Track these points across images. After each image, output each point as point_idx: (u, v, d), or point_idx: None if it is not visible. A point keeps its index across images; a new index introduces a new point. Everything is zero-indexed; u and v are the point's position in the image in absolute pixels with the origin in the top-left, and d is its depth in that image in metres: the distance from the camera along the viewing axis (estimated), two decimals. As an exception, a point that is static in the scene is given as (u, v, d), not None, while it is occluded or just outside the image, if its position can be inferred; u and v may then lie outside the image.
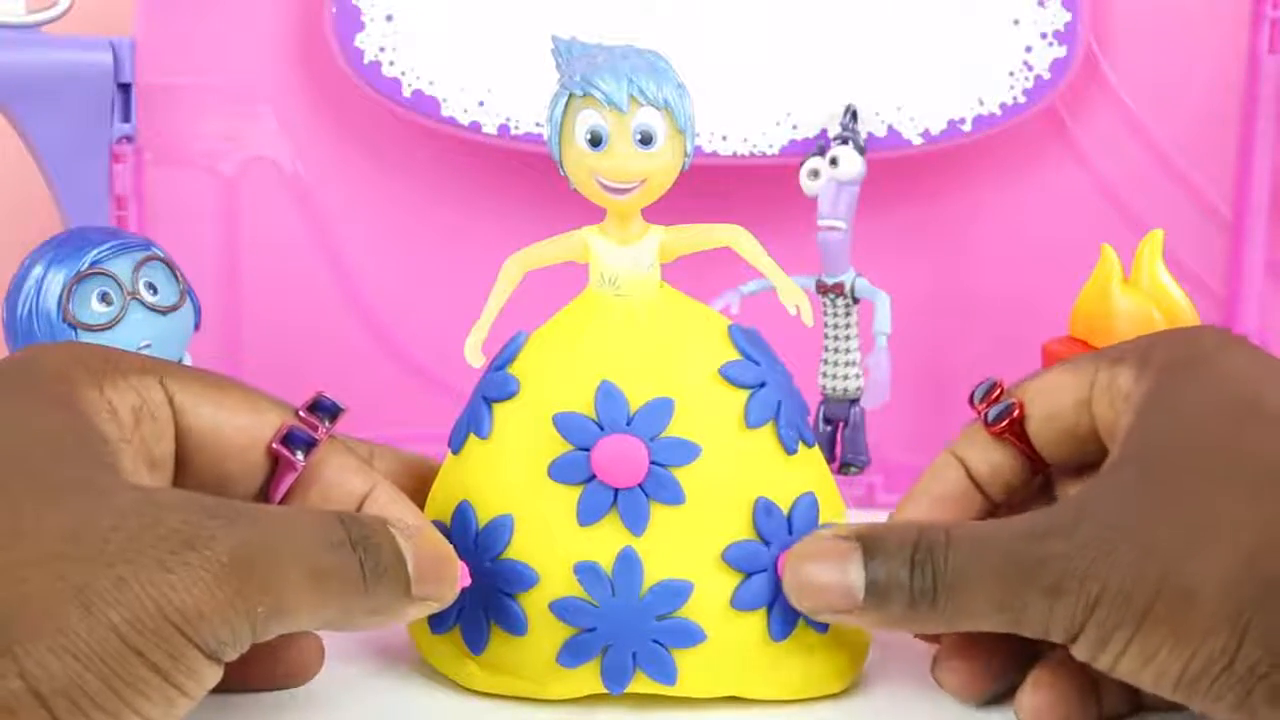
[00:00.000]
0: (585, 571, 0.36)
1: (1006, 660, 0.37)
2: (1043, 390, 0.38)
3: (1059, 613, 0.32)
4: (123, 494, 0.30)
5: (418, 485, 0.40)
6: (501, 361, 0.38)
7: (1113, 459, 0.35)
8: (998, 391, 0.39)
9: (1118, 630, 0.31)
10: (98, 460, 0.31)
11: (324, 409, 0.37)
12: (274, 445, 0.35)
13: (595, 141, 0.36)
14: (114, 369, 0.34)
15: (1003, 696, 0.37)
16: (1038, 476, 0.40)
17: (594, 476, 0.36)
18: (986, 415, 0.39)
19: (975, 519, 0.39)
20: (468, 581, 0.35)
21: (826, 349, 0.51)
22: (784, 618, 0.37)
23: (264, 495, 0.36)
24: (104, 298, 0.42)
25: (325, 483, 0.36)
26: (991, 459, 0.39)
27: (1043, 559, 0.32)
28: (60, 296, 0.42)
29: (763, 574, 0.36)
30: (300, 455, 0.35)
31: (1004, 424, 0.38)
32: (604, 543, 0.36)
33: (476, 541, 0.37)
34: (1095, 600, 0.31)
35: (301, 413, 0.36)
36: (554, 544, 0.36)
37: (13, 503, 0.29)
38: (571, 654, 0.36)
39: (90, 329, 0.42)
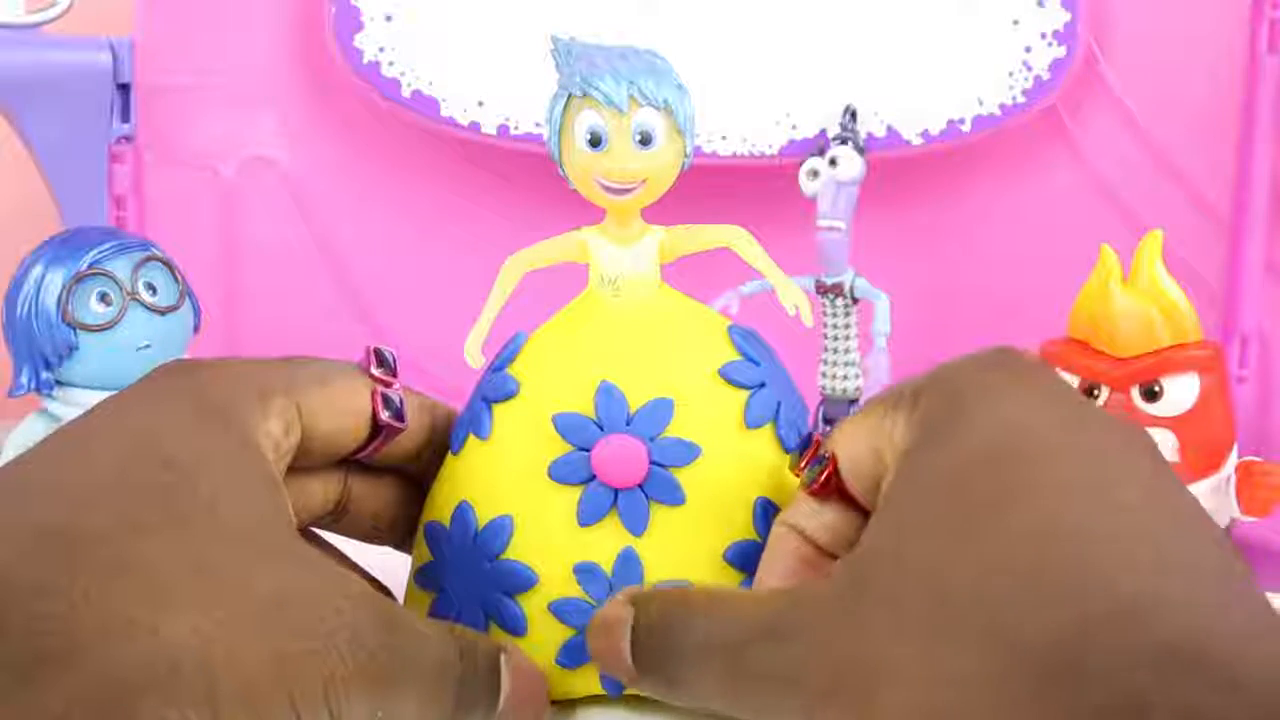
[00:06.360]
0: (585, 572, 0.36)
1: None
2: (843, 442, 0.34)
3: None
4: (315, 568, 0.30)
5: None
6: (501, 362, 0.38)
7: (862, 543, 0.30)
8: (815, 447, 0.35)
9: None
10: (287, 519, 0.32)
11: (386, 363, 0.37)
12: (383, 419, 0.36)
13: (595, 142, 0.36)
14: (268, 392, 0.34)
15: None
16: None
17: (594, 477, 0.36)
18: (805, 478, 0.35)
19: None
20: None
21: (826, 349, 0.51)
22: (784, 618, 0.37)
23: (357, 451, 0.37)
24: (103, 298, 0.42)
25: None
26: (825, 521, 0.35)
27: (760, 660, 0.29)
28: (59, 297, 0.42)
29: (763, 574, 0.36)
30: (404, 422, 0.37)
31: (819, 484, 0.34)
32: (604, 543, 0.36)
33: (476, 542, 0.37)
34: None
35: (374, 371, 0.37)
36: (554, 544, 0.36)
37: (237, 560, 0.29)
38: (571, 655, 0.36)
39: (90, 329, 0.42)
